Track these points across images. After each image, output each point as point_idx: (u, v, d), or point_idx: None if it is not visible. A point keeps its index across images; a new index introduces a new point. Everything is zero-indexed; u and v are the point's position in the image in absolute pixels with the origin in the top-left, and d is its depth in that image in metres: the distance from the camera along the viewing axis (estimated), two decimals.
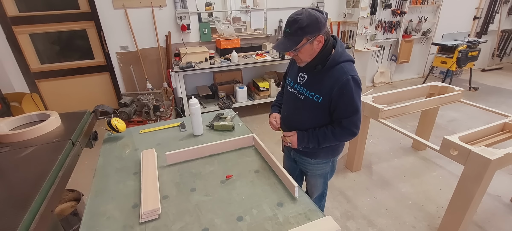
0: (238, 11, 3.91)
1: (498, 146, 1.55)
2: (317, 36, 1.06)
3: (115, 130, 1.49)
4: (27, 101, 2.85)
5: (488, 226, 1.94)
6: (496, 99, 4.19)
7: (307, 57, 1.13)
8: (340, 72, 1.11)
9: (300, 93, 1.23)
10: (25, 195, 0.86)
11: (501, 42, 5.88)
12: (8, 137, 1.22)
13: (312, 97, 1.17)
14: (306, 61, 1.15)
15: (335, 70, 1.11)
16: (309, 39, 1.06)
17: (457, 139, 1.59)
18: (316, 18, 1.04)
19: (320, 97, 1.15)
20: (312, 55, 1.12)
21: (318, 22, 1.04)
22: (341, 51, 1.14)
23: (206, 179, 1.15)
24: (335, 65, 1.12)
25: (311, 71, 1.18)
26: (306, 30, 1.04)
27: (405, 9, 4.55)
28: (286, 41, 1.08)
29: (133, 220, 0.93)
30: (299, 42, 1.06)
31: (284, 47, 1.10)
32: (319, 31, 1.06)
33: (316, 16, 1.04)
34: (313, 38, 1.06)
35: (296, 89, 1.25)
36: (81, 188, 1.92)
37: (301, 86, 1.22)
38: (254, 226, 0.90)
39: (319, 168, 1.40)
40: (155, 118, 3.11)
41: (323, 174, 1.44)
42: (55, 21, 3.16)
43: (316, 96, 1.16)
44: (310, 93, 1.18)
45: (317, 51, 1.12)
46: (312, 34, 1.05)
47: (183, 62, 3.33)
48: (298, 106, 1.25)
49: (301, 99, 1.22)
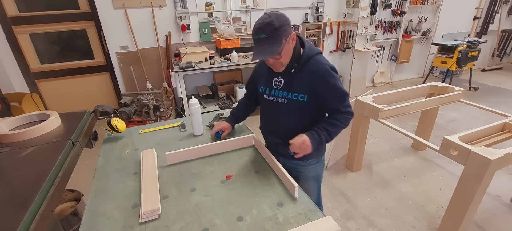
0: (238, 11, 3.91)
1: (498, 146, 1.55)
2: (291, 34, 1.05)
3: (115, 130, 1.48)
4: (27, 101, 2.84)
5: (488, 226, 1.94)
6: (496, 99, 4.19)
7: (288, 58, 1.10)
8: (316, 66, 1.11)
9: (281, 98, 1.19)
10: (25, 195, 0.86)
11: (501, 42, 5.88)
12: (8, 137, 1.22)
13: (297, 98, 1.14)
14: (286, 63, 1.12)
15: (311, 65, 1.11)
16: (287, 38, 1.04)
17: (457, 139, 1.59)
18: (284, 17, 1.03)
19: (304, 95, 1.13)
20: (290, 55, 1.10)
21: (287, 20, 1.04)
22: (309, 46, 1.15)
23: (206, 179, 1.15)
24: (309, 59, 1.12)
25: (286, 73, 1.15)
26: (281, 30, 1.01)
27: (405, 9, 4.55)
28: (268, 47, 1.02)
29: (133, 220, 0.93)
30: (280, 44, 1.02)
31: (269, 52, 1.03)
32: (291, 29, 1.06)
33: (283, 15, 1.03)
34: (289, 36, 1.05)
35: (275, 95, 1.20)
36: (81, 188, 1.92)
37: (279, 91, 1.18)
38: (254, 226, 0.90)
39: (312, 169, 1.35)
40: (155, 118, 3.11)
41: (316, 175, 1.40)
42: (55, 21, 3.16)
43: (301, 95, 1.14)
44: (293, 95, 1.15)
45: (292, 50, 1.10)
46: (287, 33, 1.03)
47: (183, 62, 3.33)
48: (282, 112, 1.21)
49: (284, 104, 1.18)
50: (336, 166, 2.67)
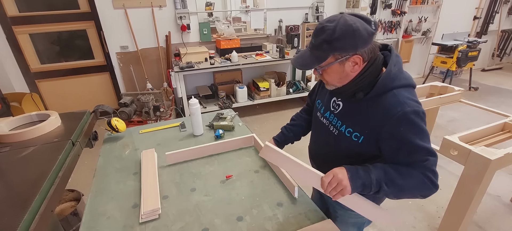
0: (238, 11, 3.91)
1: (498, 146, 1.55)
2: (351, 56, 0.76)
3: (115, 130, 1.49)
4: (27, 101, 2.85)
5: (488, 226, 1.94)
6: (496, 99, 4.19)
7: (335, 81, 0.83)
8: (393, 102, 0.77)
9: (333, 127, 0.92)
10: (25, 195, 0.86)
11: (501, 42, 5.88)
12: (8, 137, 1.22)
13: (350, 135, 0.86)
14: (334, 86, 0.85)
15: (386, 99, 0.78)
16: (339, 58, 0.76)
17: (457, 139, 1.59)
18: (352, 31, 0.72)
19: (361, 136, 0.84)
20: (342, 80, 0.82)
21: (354, 35, 0.72)
22: (395, 73, 0.79)
23: (206, 179, 1.15)
24: (386, 92, 0.78)
25: (349, 97, 0.86)
26: (335, 46, 0.74)
27: (405, 9, 4.55)
28: (308, 56, 0.79)
29: (133, 220, 0.93)
30: (324, 59, 0.77)
31: (303, 63, 0.80)
32: (355, 49, 0.75)
33: (355, 27, 0.72)
34: (345, 58, 0.76)
35: (329, 120, 0.94)
36: (81, 188, 1.92)
37: (334, 116, 0.92)
38: (254, 226, 0.90)
39: (352, 215, 1.02)
40: (155, 118, 3.11)
41: (357, 223, 1.09)
42: (55, 21, 3.16)
43: (355, 134, 0.85)
44: (347, 129, 0.87)
45: (352, 76, 0.80)
46: (343, 52, 0.75)
47: (183, 62, 3.33)
48: (330, 143, 0.95)
49: (335, 135, 0.91)
50: None
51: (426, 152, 0.77)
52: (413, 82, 0.83)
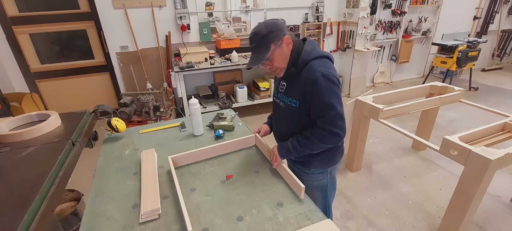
0: (238, 11, 3.91)
1: (498, 146, 1.55)
2: (283, 38, 1.05)
3: (115, 130, 1.49)
4: (27, 101, 2.85)
5: (488, 226, 1.94)
6: (496, 99, 4.19)
7: (282, 63, 1.10)
8: (309, 71, 1.05)
9: (281, 102, 1.20)
10: (25, 195, 0.86)
11: (501, 42, 5.88)
12: (8, 137, 1.22)
13: (290, 103, 1.14)
14: (283, 68, 1.12)
15: (305, 70, 1.06)
16: (277, 43, 1.05)
17: (457, 139, 1.59)
18: (273, 23, 1.05)
19: (296, 101, 1.11)
20: (286, 60, 1.10)
21: (277, 25, 1.05)
22: (310, 50, 1.09)
23: (206, 179, 1.15)
24: (305, 65, 1.07)
25: (288, 77, 1.15)
26: (270, 37, 1.03)
27: (405, 9, 4.55)
28: (256, 55, 1.07)
29: (133, 220, 0.93)
30: (268, 50, 1.04)
31: (256, 60, 1.07)
32: (283, 33, 1.05)
33: (273, 21, 1.06)
34: (280, 41, 1.05)
35: (279, 98, 1.23)
36: (81, 188, 1.92)
37: (282, 94, 1.20)
38: (254, 226, 0.90)
39: (314, 179, 1.29)
40: (155, 118, 3.11)
41: (320, 186, 1.33)
42: (55, 21, 3.16)
43: (293, 101, 1.12)
44: (288, 99, 1.15)
45: (289, 53, 1.09)
46: (277, 39, 1.04)
47: (183, 62, 3.33)
48: (281, 115, 1.23)
49: (282, 107, 1.20)
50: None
51: (329, 106, 1.03)
52: (328, 54, 1.11)
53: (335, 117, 1.04)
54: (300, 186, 1.00)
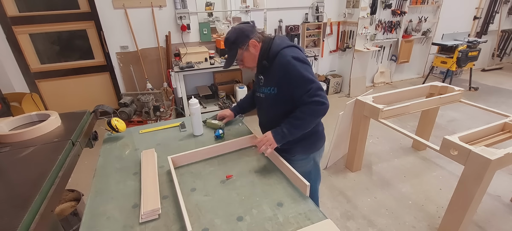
0: (238, 11, 3.91)
1: (498, 146, 1.55)
2: (248, 42, 1.20)
3: (115, 130, 1.49)
4: (27, 101, 2.85)
5: (488, 226, 1.94)
6: (496, 99, 4.19)
7: (252, 63, 1.26)
8: (280, 58, 1.17)
9: (262, 94, 1.31)
10: (25, 195, 0.86)
11: (501, 42, 5.88)
12: (8, 137, 1.22)
13: (269, 91, 1.25)
14: (254, 66, 1.27)
15: (277, 59, 1.18)
16: (243, 47, 1.20)
17: (457, 139, 1.59)
18: (240, 29, 1.21)
19: (274, 88, 1.23)
20: (255, 60, 1.25)
21: (243, 31, 1.20)
22: (279, 42, 1.21)
23: (206, 179, 1.15)
24: (276, 55, 1.19)
25: (264, 70, 1.26)
26: (236, 42, 1.20)
27: (405, 9, 4.55)
28: (228, 58, 1.27)
29: (133, 220, 0.93)
30: (236, 54, 1.22)
31: (228, 63, 1.28)
32: (248, 38, 1.20)
33: (240, 27, 1.22)
34: (246, 45, 1.20)
35: (259, 91, 1.33)
36: (81, 188, 1.92)
37: (261, 87, 1.30)
38: (254, 226, 0.90)
39: (299, 165, 1.28)
40: (155, 118, 3.11)
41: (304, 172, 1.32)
42: (55, 21, 3.16)
43: (272, 88, 1.23)
44: (267, 88, 1.26)
45: (257, 54, 1.23)
46: (243, 43, 1.20)
47: (183, 62, 3.33)
48: (264, 105, 1.34)
49: (263, 98, 1.31)
50: (336, 166, 2.67)
51: (307, 80, 1.13)
52: (296, 44, 1.25)
53: (317, 88, 1.14)
54: (305, 183, 1.00)
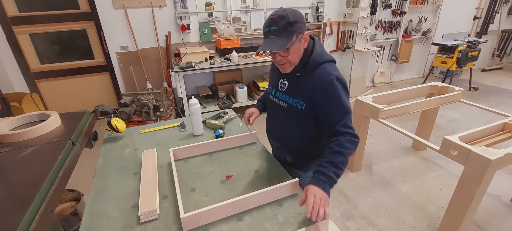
0: (238, 11, 3.91)
1: (498, 146, 1.55)
2: (304, 33, 0.99)
3: (115, 130, 1.48)
4: (27, 101, 2.84)
5: (488, 226, 1.94)
6: (496, 99, 4.19)
7: (296, 58, 1.03)
8: (322, 74, 1.01)
9: (282, 102, 1.14)
10: (25, 195, 0.86)
11: (501, 42, 5.88)
12: (8, 137, 1.22)
13: (295, 104, 1.08)
14: (295, 64, 1.04)
15: (317, 73, 1.02)
16: (298, 36, 0.97)
17: (457, 139, 1.59)
18: (300, 14, 0.99)
19: (303, 103, 1.06)
20: (300, 56, 1.03)
21: (302, 17, 0.99)
22: (320, 52, 1.05)
23: (206, 179, 1.15)
24: (316, 67, 1.03)
25: (291, 76, 1.09)
26: (295, 26, 0.95)
27: (405, 9, 4.55)
28: (277, 40, 0.96)
29: (133, 220, 0.93)
30: (291, 39, 0.96)
31: (277, 46, 0.96)
32: (305, 28, 1.00)
33: (300, 12, 1.00)
34: (301, 35, 0.98)
35: (279, 97, 1.16)
36: (81, 188, 1.92)
37: (282, 94, 1.14)
38: (254, 226, 0.90)
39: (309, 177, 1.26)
40: (155, 118, 3.11)
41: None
42: (55, 21, 3.16)
43: (300, 103, 1.07)
44: (293, 100, 1.09)
45: (303, 50, 1.03)
46: (300, 31, 0.97)
47: (183, 62, 3.32)
48: (282, 116, 1.16)
49: (284, 108, 1.13)
50: None
51: (346, 110, 1.01)
52: (333, 59, 1.08)
53: (350, 119, 1.04)
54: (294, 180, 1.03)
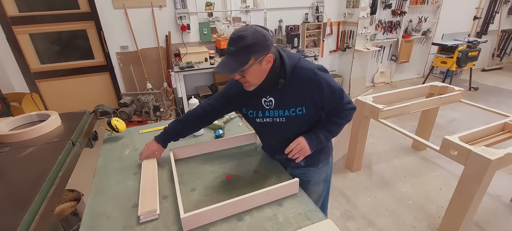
0: (238, 11, 3.91)
1: (498, 146, 1.55)
2: (265, 56, 0.93)
3: (115, 130, 1.49)
4: (27, 101, 2.84)
5: (488, 226, 1.94)
6: (496, 99, 4.19)
7: (255, 80, 0.99)
8: (304, 74, 1.00)
9: (278, 118, 1.09)
10: (25, 195, 0.86)
11: (501, 42, 5.88)
12: (8, 137, 1.22)
13: (295, 113, 1.06)
14: (255, 85, 1.01)
15: (298, 75, 1.01)
16: (258, 58, 0.92)
17: (457, 139, 1.59)
18: (263, 35, 0.91)
19: (302, 108, 1.05)
20: (261, 78, 0.99)
21: (265, 39, 0.91)
22: (288, 55, 1.03)
23: (206, 179, 1.15)
24: (293, 71, 1.01)
25: (273, 91, 1.05)
26: (252, 50, 0.90)
27: (405, 9, 4.55)
28: (231, 62, 0.92)
29: (133, 220, 0.93)
30: (246, 62, 0.91)
31: (229, 68, 0.92)
32: (268, 50, 0.93)
33: (263, 33, 0.91)
34: (262, 58, 0.93)
35: (270, 116, 1.10)
36: (81, 188, 1.92)
37: (273, 110, 1.09)
38: (254, 226, 0.90)
39: (321, 172, 1.29)
40: (155, 118, 3.11)
41: (326, 177, 1.35)
42: (55, 21, 3.16)
43: (299, 109, 1.05)
44: (290, 110, 1.06)
45: (267, 71, 0.98)
46: (260, 54, 0.92)
47: (183, 62, 3.32)
48: (284, 130, 1.12)
49: (284, 122, 1.09)
50: (336, 166, 2.67)
51: (339, 91, 1.07)
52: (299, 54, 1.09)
53: (346, 96, 1.11)
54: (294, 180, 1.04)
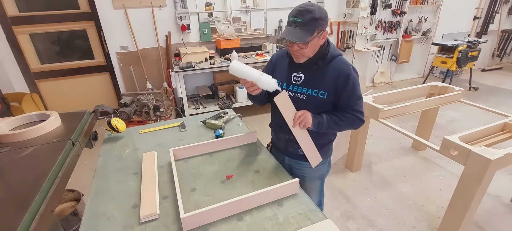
0: (238, 11, 3.91)
1: (498, 146, 1.55)
2: (324, 31, 1.06)
3: (115, 130, 1.49)
4: (27, 101, 2.84)
5: (488, 226, 1.94)
6: (496, 99, 4.19)
7: (311, 52, 1.10)
8: (341, 64, 1.12)
9: (300, 94, 1.17)
10: (25, 195, 0.86)
11: (501, 42, 5.88)
12: (8, 137, 1.22)
13: (317, 95, 1.13)
14: (308, 57, 1.11)
15: (335, 64, 1.12)
16: (319, 32, 1.04)
17: (457, 139, 1.59)
18: (325, 13, 1.05)
19: (325, 93, 1.13)
20: (315, 51, 1.10)
21: (327, 17, 1.06)
22: (334, 46, 1.17)
23: (206, 178, 1.15)
24: (333, 59, 1.13)
25: (309, 68, 1.15)
26: (319, 22, 1.02)
27: (405, 9, 4.55)
28: (299, 31, 1.01)
29: (133, 220, 0.93)
30: (312, 33, 1.02)
31: (298, 37, 1.01)
32: (326, 26, 1.07)
33: (325, 11, 1.06)
34: (322, 32, 1.05)
35: (294, 91, 1.18)
36: (81, 188, 1.92)
37: (299, 86, 1.17)
38: (254, 226, 0.90)
39: (317, 170, 1.33)
40: (155, 118, 3.11)
41: (321, 175, 1.41)
42: (55, 21, 3.16)
43: (321, 92, 1.13)
44: (314, 91, 1.14)
45: (319, 47, 1.10)
46: (322, 28, 1.04)
47: (183, 62, 3.33)
48: (300, 106, 1.14)
49: (303, 100, 1.16)
50: (336, 166, 2.67)
51: (358, 97, 1.16)
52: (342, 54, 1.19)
53: (361, 106, 1.18)
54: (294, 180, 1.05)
